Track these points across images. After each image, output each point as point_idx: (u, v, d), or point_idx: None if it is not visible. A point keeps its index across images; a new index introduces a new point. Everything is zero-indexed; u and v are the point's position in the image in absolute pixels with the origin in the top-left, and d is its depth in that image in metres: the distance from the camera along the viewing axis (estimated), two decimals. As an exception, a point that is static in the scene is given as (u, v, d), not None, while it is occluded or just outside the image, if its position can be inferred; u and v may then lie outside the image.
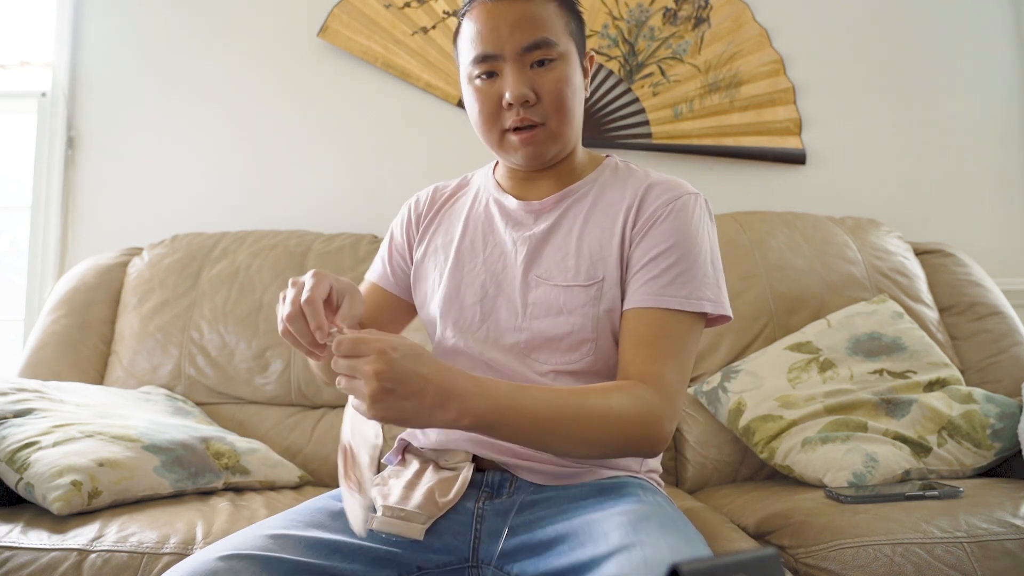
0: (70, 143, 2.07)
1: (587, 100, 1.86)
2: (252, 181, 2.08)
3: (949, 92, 2.12)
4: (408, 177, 2.07)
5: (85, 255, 1.97)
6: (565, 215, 1.00)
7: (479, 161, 1.16)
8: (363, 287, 1.16)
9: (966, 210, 2.09)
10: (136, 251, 1.87)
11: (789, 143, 2.08)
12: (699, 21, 2.10)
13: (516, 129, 0.95)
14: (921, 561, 1.02)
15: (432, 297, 1.05)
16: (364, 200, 2.07)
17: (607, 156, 1.08)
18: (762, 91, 2.08)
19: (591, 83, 1.10)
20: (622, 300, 0.96)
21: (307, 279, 0.83)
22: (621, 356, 0.92)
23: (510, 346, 0.97)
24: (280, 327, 0.84)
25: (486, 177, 1.10)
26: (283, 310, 0.83)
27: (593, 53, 1.06)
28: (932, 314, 1.72)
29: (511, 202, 1.04)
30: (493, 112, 0.96)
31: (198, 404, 1.65)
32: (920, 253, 1.86)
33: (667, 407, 0.86)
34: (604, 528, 0.79)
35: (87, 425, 1.30)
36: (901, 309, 1.64)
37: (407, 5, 2.07)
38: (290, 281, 0.85)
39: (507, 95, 0.94)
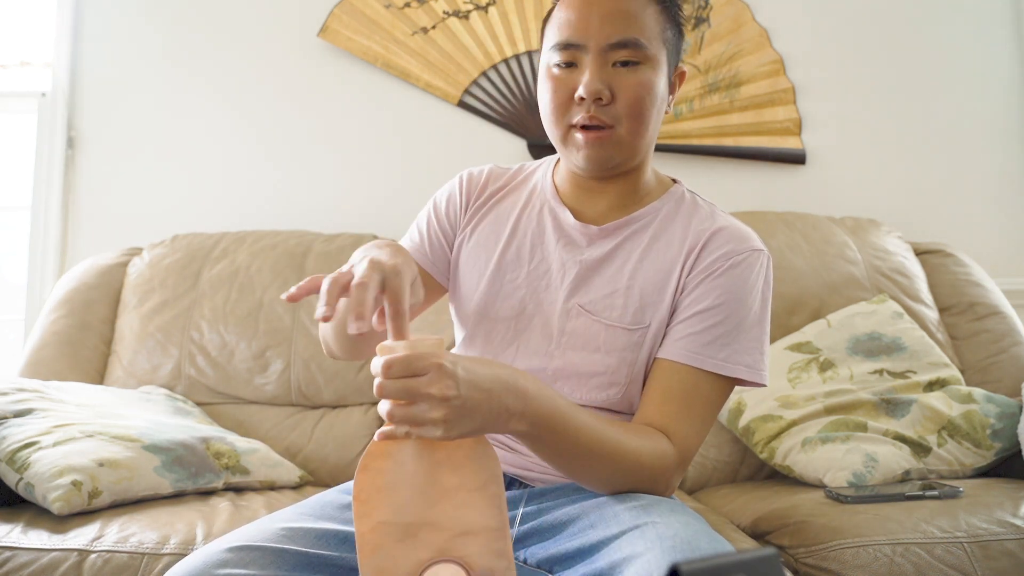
0: (70, 143, 2.07)
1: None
2: (252, 181, 2.08)
3: (949, 92, 2.12)
4: (408, 177, 2.07)
5: (85, 255, 1.97)
6: (622, 246, 0.95)
7: (479, 161, 1.13)
8: None
9: (966, 210, 2.09)
10: (136, 251, 1.87)
11: (789, 143, 2.08)
12: (699, 21, 2.09)
13: (584, 127, 0.90)
14: (921, 561, 1.02)
15: (469, 299, 1.00)
16: (364, 200, 2.07)
17: (675, 182, 1.01)
18: (762, 91, 2.08)
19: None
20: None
21: (358, 269, 0.70)
22: (646, 401, 0.89)
23: (536, 371, 0.92)
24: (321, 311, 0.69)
25: (544, 177, 1.02)
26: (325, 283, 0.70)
27: (685, 69, 0.98)
28: (932, 314, 1.72)
29: (568, 218, 0.97)
30: (564, 104, 0.90)
31: (198, 404, 1.65)
32: (920, 253, 1.86)
33: (680, 469, 0.87)
34: (615, 510, 0.79)
35: (87, 425, 1.30)
36: (901, 309, 1.64)
37: (407, 5, 2.07)
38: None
39: (580, 88, 0.88)
